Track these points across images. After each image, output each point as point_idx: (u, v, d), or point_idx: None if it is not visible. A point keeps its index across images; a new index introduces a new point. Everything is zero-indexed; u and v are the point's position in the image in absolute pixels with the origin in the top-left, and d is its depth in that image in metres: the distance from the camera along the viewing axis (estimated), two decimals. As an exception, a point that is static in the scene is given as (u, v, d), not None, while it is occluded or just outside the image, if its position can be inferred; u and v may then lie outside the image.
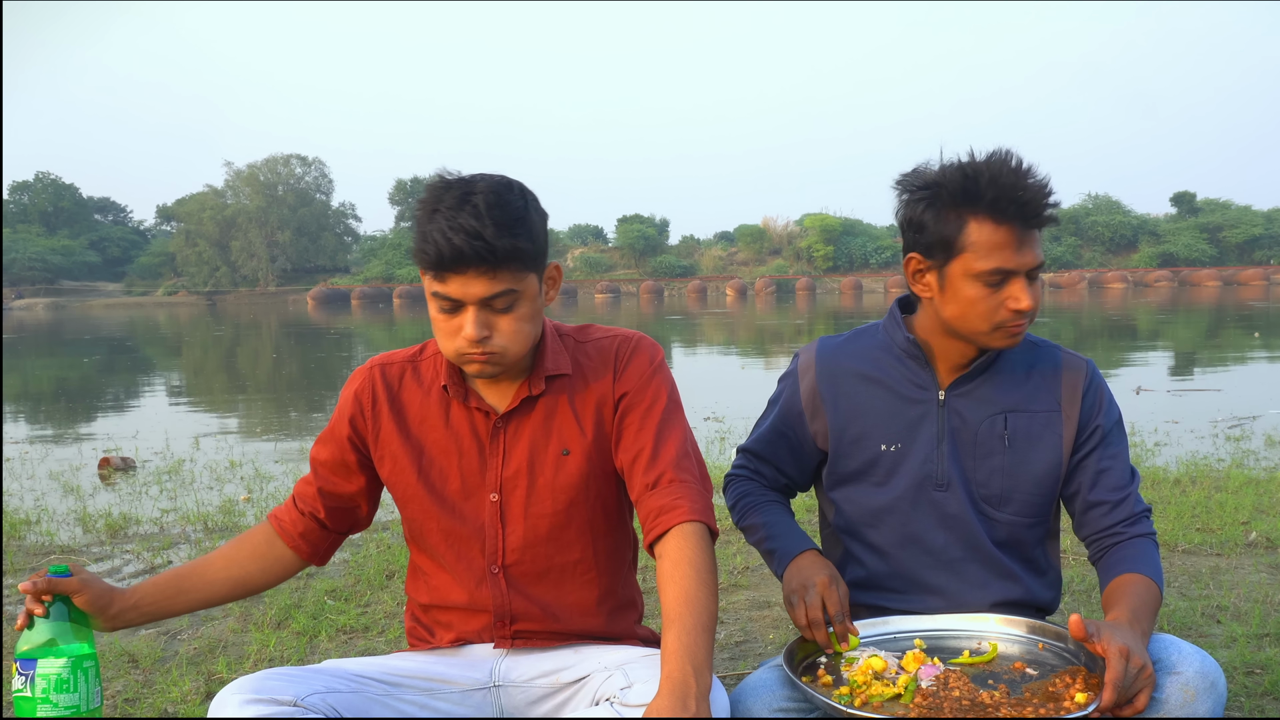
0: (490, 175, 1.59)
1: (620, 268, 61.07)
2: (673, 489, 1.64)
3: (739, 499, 1.98)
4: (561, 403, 1.72)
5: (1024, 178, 1.69)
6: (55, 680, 1.64)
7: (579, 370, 1.74)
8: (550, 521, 1.72)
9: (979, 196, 1.69)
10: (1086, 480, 1.84)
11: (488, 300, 1.56)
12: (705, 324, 25.76)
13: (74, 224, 71.40)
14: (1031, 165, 1.71)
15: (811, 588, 1.72)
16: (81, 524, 4.59)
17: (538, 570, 1.73)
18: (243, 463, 6.27)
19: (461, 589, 1.75)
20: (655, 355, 1.76)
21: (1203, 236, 56.39)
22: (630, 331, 1.78)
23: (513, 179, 1.61)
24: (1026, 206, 1.68)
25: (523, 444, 1.71)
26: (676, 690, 1.41)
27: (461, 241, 1.50)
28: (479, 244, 1.50)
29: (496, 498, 1.71)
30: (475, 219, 1.50)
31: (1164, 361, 13.18)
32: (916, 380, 1.86)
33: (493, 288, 1.55)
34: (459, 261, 1.52)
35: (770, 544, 1.88)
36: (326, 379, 13.72)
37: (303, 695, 1.51)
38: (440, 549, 1.75)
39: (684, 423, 1.74)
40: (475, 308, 1.56)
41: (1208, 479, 4.90)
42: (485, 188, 1.54)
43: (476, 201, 1.52)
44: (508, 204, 1.54)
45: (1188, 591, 3.20)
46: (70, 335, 27.35)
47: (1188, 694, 1.52)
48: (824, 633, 1.69)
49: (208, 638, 2.99)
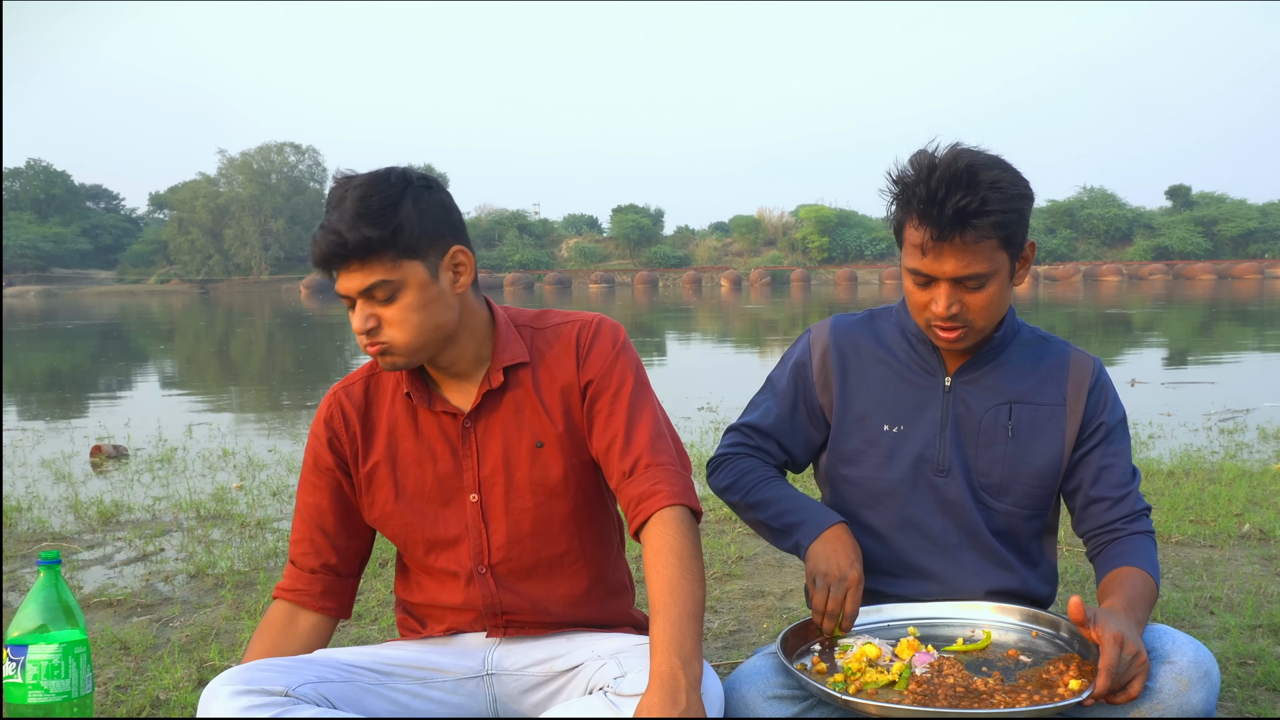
0: (380, 169, 1.61)
1: (615, 258, 60.97)
2: (650, 474, 1.62)
3: (741, 475, 1.91)
4: (528, 395, 1.70)
5: (955, 185, 1.63)
6: (46, 666, 1.63)
7: (539, 358, 1.72)
8: (533, 515, 1.70)
9: (911, 195, 1.69)
10: (1088, 476, 1.84)
11: (367, 291, 1.58)
12: (700, 315, 25.75)
13: (66, 211, 70.98)
14: (983, 174, 1.64)
15: (842, 583, 1.71)
16: (73, 511, 4.57)
17: (525, 566, 1.72)
18: (235, 451, 6.26)
19: (451, 591, 1.74)
20: (618, 336, 1.73)
21: (1197, 230, 56.44)
22: (590, 314, 1.76)
23: (401, 169, 1.62)
24: (943, 216, 1.64)
25: (495, 441, 1.70)
26: (665, 685, 1.40)
27: (325, 243, 1.55)
28: (334, 238, 1.54)
29: (476, 498, 1.70)
30: (340, 216, 1.54)
31: (1158, 354, 13.21)
32: (924, 365, 1.87)
33: (366, 280, 1.57)
34: (328, 261, 1.57)
35: (792, 517, 1.82)
36: (319, 367, 13.69)
37: (294, 685, 1.50)
38: (428, 559, 1.74)
39: (654, 402, 1.72)
40: (360, 300, 1.59)
41: (1201, 471, 4.91)
42: (360, 182, 1.57)
43: (347, 198, 1.55)
44: (373, 196, 1.55)
45: (1181, 583, 3.21)
46: (62, 322, 27.26)
47: (1181, 683, 1.53)
48: (833, 625, 1.69)
49: (200, 625, 2.98)
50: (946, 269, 1.68)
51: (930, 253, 1.68)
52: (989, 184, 1.64)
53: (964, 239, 1.65)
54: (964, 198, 1.63)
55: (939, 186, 1.64)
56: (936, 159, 1.67)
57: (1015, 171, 1.71)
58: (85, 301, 45.60)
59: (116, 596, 3.27)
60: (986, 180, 1.64)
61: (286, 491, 4.96)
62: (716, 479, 1.95)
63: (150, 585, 3.43)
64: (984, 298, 1.72)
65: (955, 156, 1.66)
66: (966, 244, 1.66)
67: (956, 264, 1.68)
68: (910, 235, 1.71)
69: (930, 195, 1.64)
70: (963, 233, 1.65)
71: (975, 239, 1.65)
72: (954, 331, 1.75)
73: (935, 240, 1.66)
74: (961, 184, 1.63)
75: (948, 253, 1.67)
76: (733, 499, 1.92)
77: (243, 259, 64.65)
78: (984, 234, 1.65)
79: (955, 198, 1.63)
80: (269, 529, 4.21)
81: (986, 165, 1.67)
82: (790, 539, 1.82)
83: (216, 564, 3.63)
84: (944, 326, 1.75)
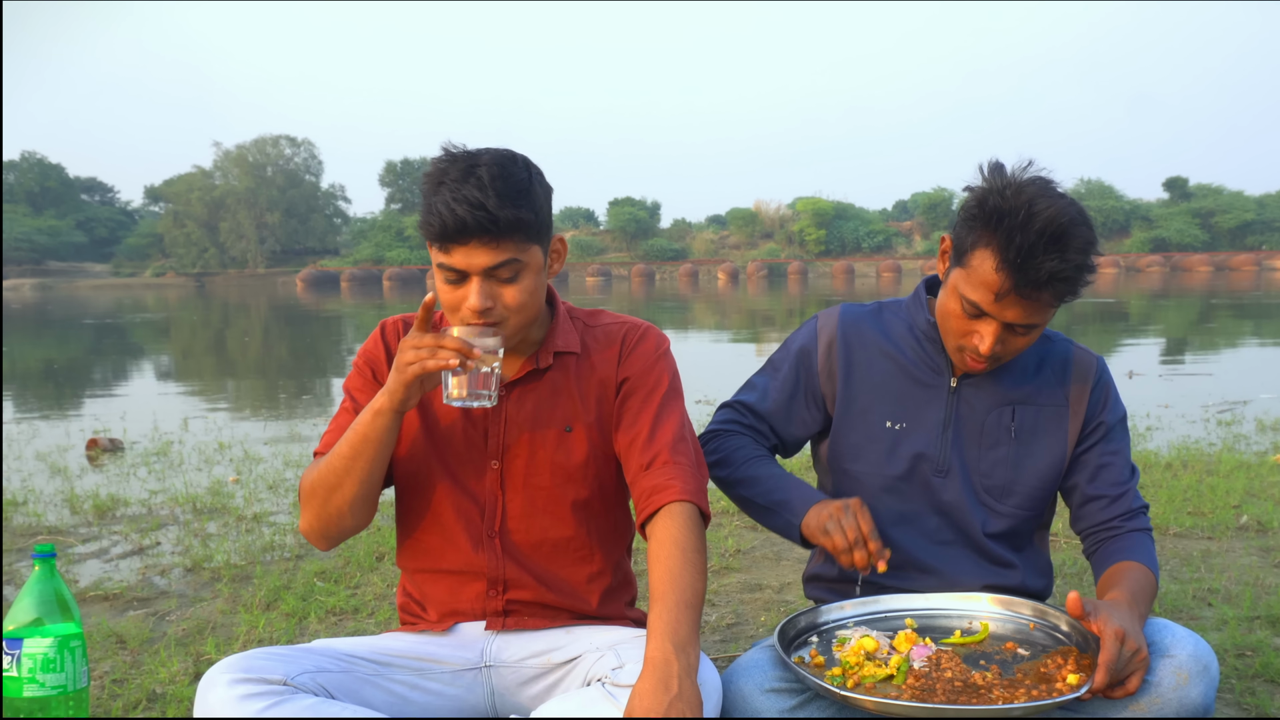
0: (495, 149, 1.61)
1: (611, 250, 60.94)
2: (666, 470, 1.64)
3: (731, 452, 1.90)
4: (567, 380, 1.74)
5: (1052, 246, 1.58)
6: (42, 660, 1.63)
7: (586, 351, 1.76)
8: (548, 495, 1.73)
9: (1003, 236, 1.61)
10: (1086, 474, 1.84)
11: (491, 270, 1.58)
12: (697, 308, 25.73)
13: (60, 204, 70.80)
14: (1074, 234, 1.59)
15: (847, 509, 1.71)
16: (69, 505, 4.56)
17: (533, 540, 1.74)
18: (231, 444, 6.24)
19: (457, 553, 1.74)
20: (661, 344, 1.79)
21: (1195, 222, 56.50)
22: (640, 320, 1.81)
23: (517, 152, 1.63)
24: (1035, 276, 1.60)
25: (525, 415, 1.73)
26: (658, 670, 1.40)
27: (465, 212, 1.52)
28: (481, 214, 1.52)
29: (498, 465, 1.73)
30: (479, 190, 1.53)
31: (1155, 346, 13.22)
32: (932, 364, 1.86)
33: (496, 257, 1.56)
34: (462, 232, 1.54)
35: (781, 494, 1.82)
36: (315, 361, 13.66)
37: (292, 674, 1.50)
38: (441, 506, 1.75)
39: (683, 410, 1.75)
40: (479, 278, 1.58)
41: (1199, 463, 4.91)
42: (490, 160, 1.56)
43: (481, 174, 1.54)
44: (511, 175, 1.56)
45: (1179, 575, 3.21)
46: (58, 316, 27.20)
47: (1181, 676, 1.53)
48: (863, 553, 1.68)
49: (196, 619, 2.97)
50: (1008, 315, 1.66)
51: (1002, 300, 1.64)
52: (1079, 248, 1.60)
53: (1040, 298, 1.63)
54: (1058, 262, 1.59)
55: (1037, 242, 1.58)
56: (1035, 205, 1.60)
57: (1093, 224, 1.66)
58: (81, 295, 45.49)
59: (112, 590, 3.26)
60: (1078, 243, 1.60)
61: (283, 485, 4.95)
62: (706, 451, 1.93)
63: (146, 579, 3.42)
64: (1026, 341, 1.72)
65: (1058, 211, 1.59)
66: (1041, 303, 1.64)
67: (1019, 314, 1.66)
68: (983, 271, 1.65)
69: (1028, 250, 1.59)
70: (1041, 294, 1.62)
71: (1050, 300, 1.63)
72: (983, 364, 1.74)
73: (1012, 292, 1.63)
74: (1058, 245, 1.59)
75: (1018, 304, 1.64)
76: (720, 474, 1.91)
77: (238, 252, 64.55)
78: (1060, 297, 1.63)
79: (1050, 261, 1.58)
80: (265, 523, 4.20)
81: (1077, 222, 1.61)
82: (780, 516, 1.82)
83: (213, 558, 3.62)
84: (977, 359, 1.73)
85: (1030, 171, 1.68)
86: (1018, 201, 1.61)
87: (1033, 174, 1.67)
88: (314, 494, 1.66)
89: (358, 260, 59.65)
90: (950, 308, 1.74)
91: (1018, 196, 1.62)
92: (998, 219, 1.62)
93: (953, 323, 1.74)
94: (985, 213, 1.64)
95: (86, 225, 69.52)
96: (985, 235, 1.64)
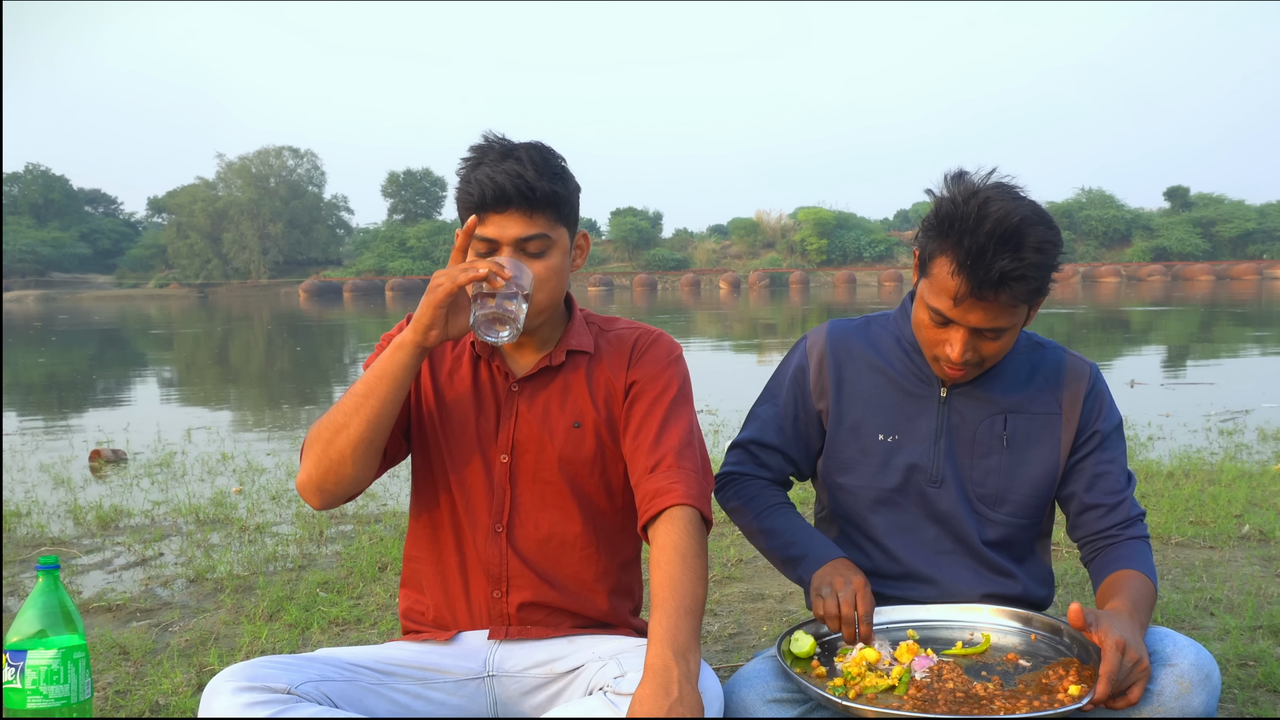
0: (533, 140, 1.70)
1: (613, 260, 61.01)
2: (670, 474, 1.65)
3: (748, 501, 1.93)
4: (579, 380, 1.77)
5: (1003, 246, 1.58)
6: (45, 671, 1.63)
7: (598, 353, 1.79)
8: (555, 490, 1.75)
9: (955, 240, 1.62)
10: (1083, 483, 1.84)
11: (522, 242, 1.64)
12: (699, 317, 25.74)
13: (64, 216, 70.90)
14: (1030, 234, 1.59)
15: (849, 584, 1.71)
16: (72, 516, 4.56)
17: (539, 536, 1.75)
18: (234, 455, 6.25)
19: (463, 545, 1.76)
20: (673, 350, 1.82)
21: (1196, 231, 56.51)
22: (654, 328, 1.85)
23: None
24: (987, 277, 1.59)
25: (536, 410, 1.75)
26: (658, 676, 1.41)
27: (504, 179, 1.61)
28: (520, 183, 1.61)
29: (507, 459, 1.75)
30: (518, 165, 1.62)
31: (1157, 355, 13.21)
32: (921, 375, 1.86)
33: (529, 229, 1.63)
34: (500, 199, 1.61)
35: (796, 550, 1.84)
36: (318, 371, 13.68)
37: (296, 683, 1.51)
38: (450, 498, 1.76)
39: (691, 415, 1.76)
40: (510, 248, 1.63)
41: (1201, 472, 4.91)
42: (528, 145, 1.67)
43: (520, 154, 1.64)
44: (549, 157, 1.67)
45: (1181, 584, 3.21)
46: (62, 328, 27.23)
47: (1183, 686, 1.53)
48: (851, 630, 1.68)
49: (199, 630, 2.97)
50: (971, 320, 1.66)
51: (961, 304, 1.65)
52: (1034, 246, 1.59)
53: (998, 300, 1.63)
54: (1010, 262, 1.58)
55: (987, 243, 1.58)
56: (987, 207, 1.60)
57: (1054, 224, 1.65)
58: (84, 306, 45.55)
59: (116, 601, 3.27)
60: (1033, 242, 1.59)
61: (286, 495, 4.95)
62: (724, 497, 1.97)
63: (149, 590, 3.43)
64: (999, 345, 1.72)
65: (1007, 212, 1.58)
66: (1000, 304, 1.64)
67: (982, 317, 1.66)
68: (942, 277, 1.65)
69: (978, 251, 1.58)
70: (998, 294, 1.62)
71: (1010, 301, 1.63)
72: (960, 371, 1.75)
73: (969, 295, 1.63)
74: (1009, 244, 1.58)
75: (978, 307, 1.65)
76: (740, 522, 1.95)
77: (241, 263, 64.63)
78: (1019, 298, 1.63)
79: (1002, 260, 1.58)
80: (268, 533, 4.20)
81: (1031, 221, 1.60)
82: (794, 571, 1.85)
83: (215, 568, 3.62)
84: (952, 367, 1.74)
85: (994, 179, 1.69)
86: (969, 206, 1.61)
87: (995, 180, 1.68)
88: (318, 437, 1.64)
89: (360, 270, 59.76)
90: (920, 318, 1.76)
91: (970, 201, 1.62)
92: (950, 224, 1.63)
93: (925, 333, 1.76)
94: (940, 220, 1.66)
95: (90, 237, 69.61)
96: (942, 242, 1.65)
